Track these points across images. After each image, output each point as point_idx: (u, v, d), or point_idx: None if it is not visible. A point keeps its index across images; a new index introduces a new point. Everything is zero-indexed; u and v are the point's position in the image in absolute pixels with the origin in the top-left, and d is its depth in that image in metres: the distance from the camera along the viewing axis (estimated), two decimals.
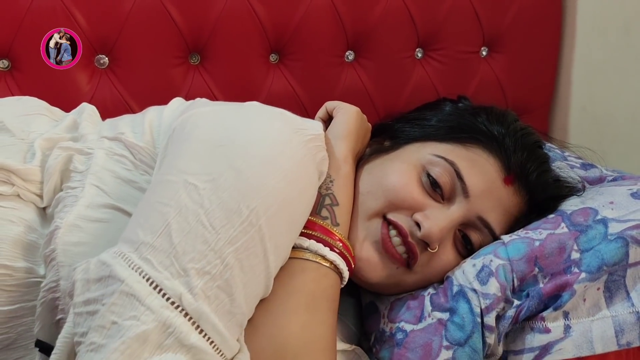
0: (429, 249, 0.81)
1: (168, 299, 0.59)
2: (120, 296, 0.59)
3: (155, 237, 0.62)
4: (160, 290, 0.59)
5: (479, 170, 0.83)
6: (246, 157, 0.67)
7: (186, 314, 0.59)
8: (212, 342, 0.61)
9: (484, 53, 1.51)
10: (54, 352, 0.63)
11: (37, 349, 0.73)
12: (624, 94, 1.44)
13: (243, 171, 0.66)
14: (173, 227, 0.62)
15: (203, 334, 0.60)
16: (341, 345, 0.84)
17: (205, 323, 0.60)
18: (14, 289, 0.74)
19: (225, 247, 0.62)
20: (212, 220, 0.63)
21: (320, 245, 0.76)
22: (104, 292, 0.60)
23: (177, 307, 0.59)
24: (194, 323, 0.60)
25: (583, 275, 0.74)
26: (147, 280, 0.60)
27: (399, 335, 0.83)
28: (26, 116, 0.87)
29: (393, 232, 0.82)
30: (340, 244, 0.78)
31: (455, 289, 0.80)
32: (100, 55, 1.23)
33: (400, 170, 0.83)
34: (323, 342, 0.72)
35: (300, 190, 0.71)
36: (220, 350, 0.61)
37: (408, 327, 0.83)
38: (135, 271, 0.60)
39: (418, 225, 0.80)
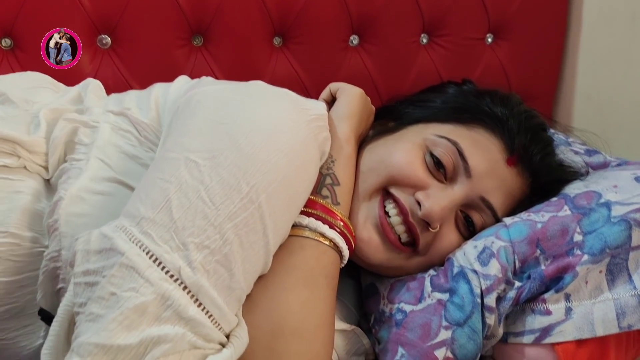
0: (430, 229, 0.81)
1: (167, 272, 0.59)
2: (120, 268, 0.59)
3: (156, 212, 0.62)
4: (160, 263, 0.59)
5: (482, 150, 0.83)
6: (248, 134, 0.67)
7: (185, 287, 0.59)
8: (210, 315, 0.61)
9: (490, 40, 1.50)
10: (54, 320, 0.63)
11: (40, 317, 0.74)
12: (629, 83, 1.43)
13: (244, 148, 0.66)
14: (173, 203, 0.62)
15: (202, 307, 0.60)
16: (340, 325, 0.84)
17: (203, 296, 0.60)
18: (21, 259, 0.75)
19: (225, 223, 0.63)
20: (212, 196, 0.63)
21: (320, 223, 0.76)
22: (104, 264, 0.60)
23: (176, 280, 0.59)
24: (192, 296, 0.60)
25: (586, 257, 0.73)
26: (147, 253, 0.60)
27: (399, 316, 0.83)
28: (29, 89, 0.87)
29: (393, 211, 0.81)
30: (341, 223, 0.78)
31: (455, 269, 0.80)
32: (103, 36, 1.23)
33: (405, 149, 0.83)
34: (321, 318, 0.72)
35: (301, 168, 0.71)
36: (218, 324, 0.62)
37: (407, 308, 0.82)
38: (136, 244, 0.60)
39: (419, 204, 0.80)
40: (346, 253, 0.79)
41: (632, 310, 0.72)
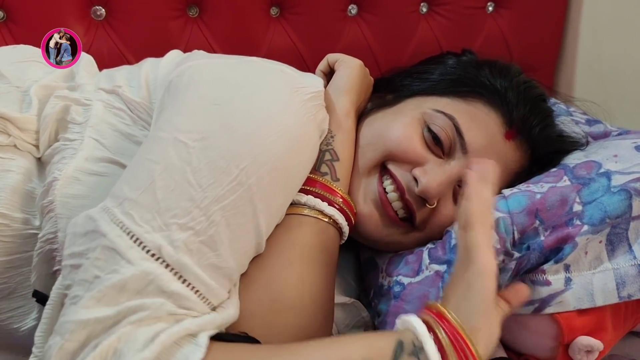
0: (427, 205, 0.80)
1: (148, 251, 0.59)
2: (103, 250, 0.59)
3: (139, 193, 0.62)
4: (141, 243, 0.59)
5: (479, 125, 0.82)
6: (242, 116, 0.66)
7: (167, 265, 0.59)
8: (196, 290, 0.60)
9: (490, 9, 1.48)
10: (48, 302, 0.63)
11: (35, 299, 0.73)
12: (632, 53, 1.42)
13: (237, 130, 0.65)
14: (158, 184, 0.62)
15: (186, 283, 0.60)
16: (340, 299, 0.84)
17: (188, 274, 0.60)
18: (10, 240, 0.74)
19: (212, 205, 0.62)
20: (199, 178, 0.63)
21: (318, 200, 0.75)
22: (89, 246, 0.60)
23: (158, 258, 0.59)
24: (176, 273, 0.59)
25: (585, 227, 0.72)
26: (128, 234, 0.60)
27: (397, 288, 0.82)
28: (21, 63, 0.86)
29: (390, 187, 0.81)
30: (340, 200, 0.77)
31: (453, 241, 0.79)
32: (97, 7, 1.21)
33: (403, 124, 0.82)
34: (320, 293, 0.72)
35: (297, 150, 0.70)
36: (206, 299, 0.61)
37: (406, 280, 0.82)
38: (117, 225, 0.60)
39: (416, 181, 0.79)
40: (346, 229, 0.78)
41: (631, 280, 0.71)
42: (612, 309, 0.74)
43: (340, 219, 0.77)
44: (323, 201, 0.76)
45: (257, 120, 0.66)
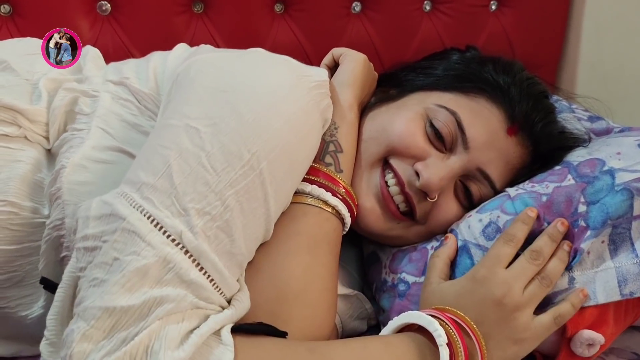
0: (428, 199, 0.81)
1: (169, 236, 0.60)
2: (122, 233, 0.59)
3: (157, 178, 0.62)
4: (161, 227, 0.60)
5: (482, 121, 0.82)
6: (249, 101, 0.67)
7: (186, 252, 0.60)
8: (211, 279, 0.61)
9: (493, 7, 1.48)
10: (59, 286, 0.64)
11: (42, 286, 0.74)
12: (634, 52, 1.42)
13: (245, 115, 0.66)
14: (174, 169, 0.63)
15: (203, 271, 0.61)
16: (343, 290, 0.84)
17: (205, 261, 0.61)
18: (20, 228, 0.75)
19: (226, 190, 0.63)
20: (213, 162, 0.63)
21: (323, 190, 0.76)
22: (104, 229, 0.61)
23: (178, 244, 0.60)
24: (194, 261, 0.60)
25: (589, 233, 0.73)
26: (148, 218, 0.60)
27: (401, 287, 0.83)
28: (29, 55, 0.86)
29: (392, 182, 0.82)
30: (343, 191, 0.78)
31: (459, 243, 0.80)
32: (103, 2, 1.21)
33: (406, 118, 0.83)
34: (324, 283, 0.73)
35: (303, 135, 0.71)
36: (219, 288, 0.62)
37: (410, 279, 0.83)
38: (137, 209, 0.61)
39: (418, 175, 0.80)
40: (348, 220, 0.79)
41: (633, 277, 0.72)
42: (615, 303, 0.74)
43: (343, 210, 0.78)
44: (327, 191, 0.76)
45: (264, 105, 0.67)
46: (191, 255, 0.60)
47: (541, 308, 0.73)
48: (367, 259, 0.93)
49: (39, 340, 0.82)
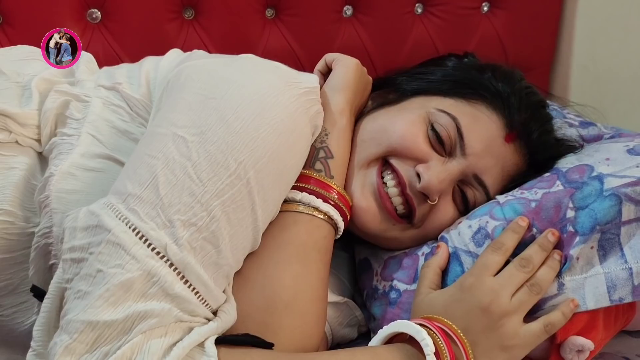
0: (428, 201, 0.81)
1: (153, 249, 0.60)
2: (107, 245, 0.59)
3: (143, 189, 0.62)
4: (146, 240, 0.60)
5: (481, 127, 0.83)
6: (236, 109, 0.67)
7: (171, 264, 0.60)
8: (197, 292, 0.61)
9: (485, 9, 1.48)
10: (46, 297, 0.64)
11: (33, 294, 0.74)
12: (626, 53, 1.42)
13: (232, 124, 0.66)
14: (160, 179, 0.62)
15: (188, 284, 0.61)
16: (333, 297, 0.84)
17: (190, 274, 0.61)
18: (14, 237, 0.75)
19: (212, 200, 0.63)
20: (199, 172, 0.63)
21: (313, 197, 0.76)
22: (91, 240, 0.61)
23: (162, 257, 0.60)
24: (179, 273, 0.60)
25: (578, 239, 0.73)
26: (134, 230, 0.60)
27: (393, 295, 0.83)
28: (21, 60, 0.86)
29: (391, 182, 0.81)
30: (336, 196, 0.78)
31: (450, 250, 0.80)
32: (93, 10, 1.21)
33: (408, 121, 0.83)
34: (314, 292, 0.73)
35: (291, 143, 0.71)
36: (204, 300, 0.62)
37: (402, 287, 0.83)
38: (122, 221, 0.61)
39: (419, 177, 0.80)
40: (341, 225, 0.79)
41: (622, 283, 0.72)
42: (604, 309, 0.74)
43: (336, 215, 0.77)
44: (318, 198, 0.76)
45: (251, 113, 0.67)
46: (176, 268, 0.60)
47: (531, 314, 0.73)
48: (359, 266, 0.93)
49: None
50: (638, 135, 0.92)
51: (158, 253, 0.60)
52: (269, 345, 0.65)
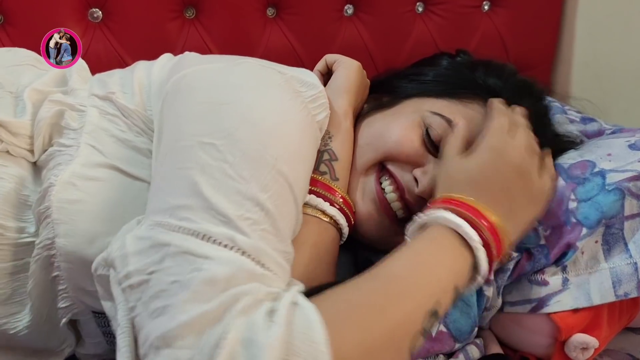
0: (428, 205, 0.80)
1: (220, 243, 0.57)
2: (173, 258, 0.56)
3: (188, 199, 0.60)
4: (210, 238, 0.57)
5: (476, 127, 0.82)
6: (257, 109, 0.66)
7: (243, 252, 0.57)
8: (275, 273, 0.59)
9: (486, 7, 1.47)
10: (120, 332, 0.59)
11: (30, 304, 0.75)
12: (627, 51, 1.42)
13: (257, 123, 0.65)
14: (202, 186, 0.60)
15: (265, 267, 0.58)
16: None
17: (265, 257, 0.58)
18: (5, 248, 0.73)
19: (260, 195, 0.61)
20: (239, 171, 0.61)
21: (320, 200, 0.76)
22: (148, 261, 0.57)
23: (232, 247, 0.57)
24: (253, 259, 0.57)
25: (584, 231, 0.73)
26: (193, 234, 0.57)
27: None
28: (16, 67, 0.85)
29: (389, 188, 0.81)
30: (341, 200, 0.78)
31: None
32: (94, 9, 1.21)
33: (403, 125, 0.82)
34: None
35: (311, 141, 0.72)
36: (282, 280, 0.60)
37: None
38: (178, 232, 0.58)
39: (416, 181, 0.79)
40: (346, 230, 0.79)
41: (628, 278, 0.72)
42: (608, 306, 0.74)
43: (341, 220, 0.77)
44: (325, 201, 0.76)
45: (273, 112, 0.67)
46: (249, 255, 0.57)
47: (538, 309, 0.73)
48: (362, 266, 0.92)
49: (31, 352, 0.82)
50: (639, 130, 0.92)
51: (226, 246, 0.57)
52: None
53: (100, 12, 1.22)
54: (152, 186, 0.67)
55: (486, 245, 0.65)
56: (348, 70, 0.88)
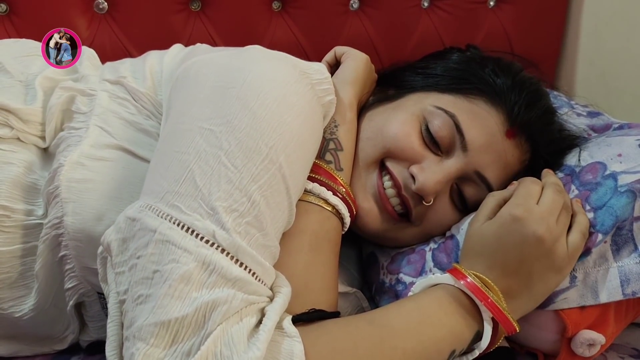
0: (424, 202, 0.80)
1: (202, 238, 0.59)
2: (157, 245, 0.59)
3: (179, 184, 0.62)
4: (193, 231, 0.59)
5: (480, 123, 0.82)
6: (259, 96, 0.66)
7: (223, 250, 0.59)
8: (253, 273, 0.61)
9: (492, 3, 1.47)
10: (110, 321, 0.63)
11: (37, 286, 0.76)
12: (632, 48, 1.41)
13: (257, 110, 0.65)
14: (195, 172, 0.62)
15: (243, 266, 0.60)
16: (342, 288, 0.84)
17: (243, 255, 0.60)
18: (12, 230, 0.75)
19: (250, 185, 0.62)
20: (233, 160, 0.63)
21: (324, 188, 0.76)
22: (137, 245, 0.60)
23: (212, 244, 0.59)
24: (232, 257, 0.59)
25: (600, 237, 0.72)
26: (178, 225, 0.60)
27: (399, 287, 0.83)
28: (25, 57, 0.86)
29: (388, 184, 0.81)
30: (343, 190, 0.78)
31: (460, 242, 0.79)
32: (100, 0, 1.21)
33: (402, 120, 0.82)
34: (324, 281, 0.73)
35: (312, 128, 0.72)
36: (261, 280, 0.62)
37: (407, 279, 0.83)
38: (165, 219, 0.60)
39: (413, 178, 0.79)
40: (347, 220, 0.79)
41: (636, 277, 0.72)
42: (616, 303, 0.74)
43: (343, 210, 0.77)
44: (328, 190, 0.76)
45: (273, 99, 0.67)
46: (228, 253, 0.59)
47: (545, 306, 0.73)
48: (366, 260, 0.93)
49: (36, 339, 0.83)
50: None
51: (207, 241, 0.59)
52: (336, 315, 0.65)
53: (106, 4, 1.22)
54: (151, 163, 0.69)
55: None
56: (355, 62, 0.89)
